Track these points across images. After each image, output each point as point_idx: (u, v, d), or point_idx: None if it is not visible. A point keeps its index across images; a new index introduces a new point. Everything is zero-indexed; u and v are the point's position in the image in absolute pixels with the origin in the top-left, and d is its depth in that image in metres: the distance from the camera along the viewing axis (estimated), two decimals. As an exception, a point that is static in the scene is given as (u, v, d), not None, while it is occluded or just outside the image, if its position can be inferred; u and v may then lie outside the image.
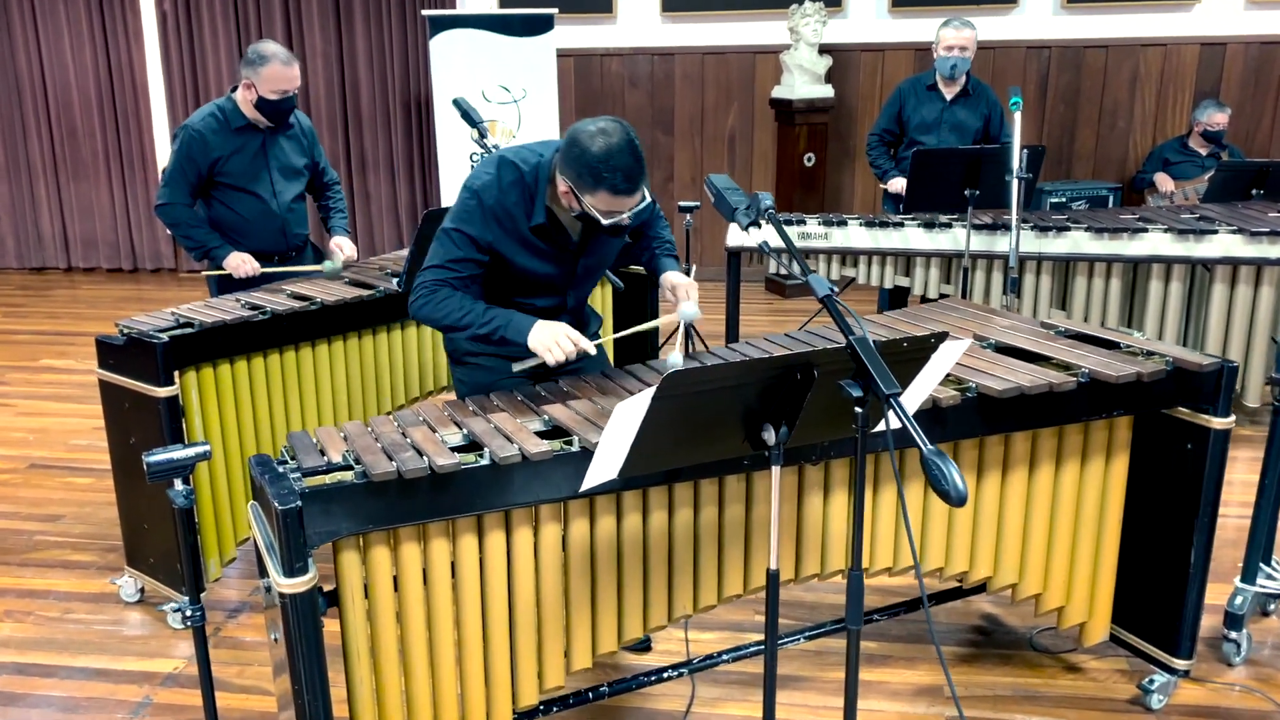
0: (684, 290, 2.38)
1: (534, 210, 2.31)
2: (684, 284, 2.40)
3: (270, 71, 3.42)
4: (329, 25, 6.97)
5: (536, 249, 2.36)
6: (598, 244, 2.44)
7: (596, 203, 2.17)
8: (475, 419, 2.08)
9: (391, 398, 3.54)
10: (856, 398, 1.55)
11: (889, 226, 4.42)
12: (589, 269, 2.48)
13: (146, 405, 2.89)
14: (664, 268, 2.52)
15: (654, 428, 1.63)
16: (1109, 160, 6.80)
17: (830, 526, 2.28)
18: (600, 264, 2.51)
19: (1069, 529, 2.53)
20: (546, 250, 2.37)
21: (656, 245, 2.58)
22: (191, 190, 3.53)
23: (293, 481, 1.82)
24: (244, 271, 3.51)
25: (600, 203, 2.17)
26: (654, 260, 2.57)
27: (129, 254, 7.62)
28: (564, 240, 2.38)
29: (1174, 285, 4.34)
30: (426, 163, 7.13)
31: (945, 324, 2.75)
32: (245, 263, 3.53)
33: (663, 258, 2.55)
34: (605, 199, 2.16)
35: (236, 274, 3.52)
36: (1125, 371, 2.28)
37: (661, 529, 2.12)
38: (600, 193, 2.15)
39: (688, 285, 2.39)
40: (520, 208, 2.31)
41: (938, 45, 4.70)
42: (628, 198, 2.17)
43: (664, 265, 2.53)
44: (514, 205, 2.30)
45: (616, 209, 2.18)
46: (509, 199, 2.30)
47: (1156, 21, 6.52)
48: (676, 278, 2.45)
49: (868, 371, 1.51)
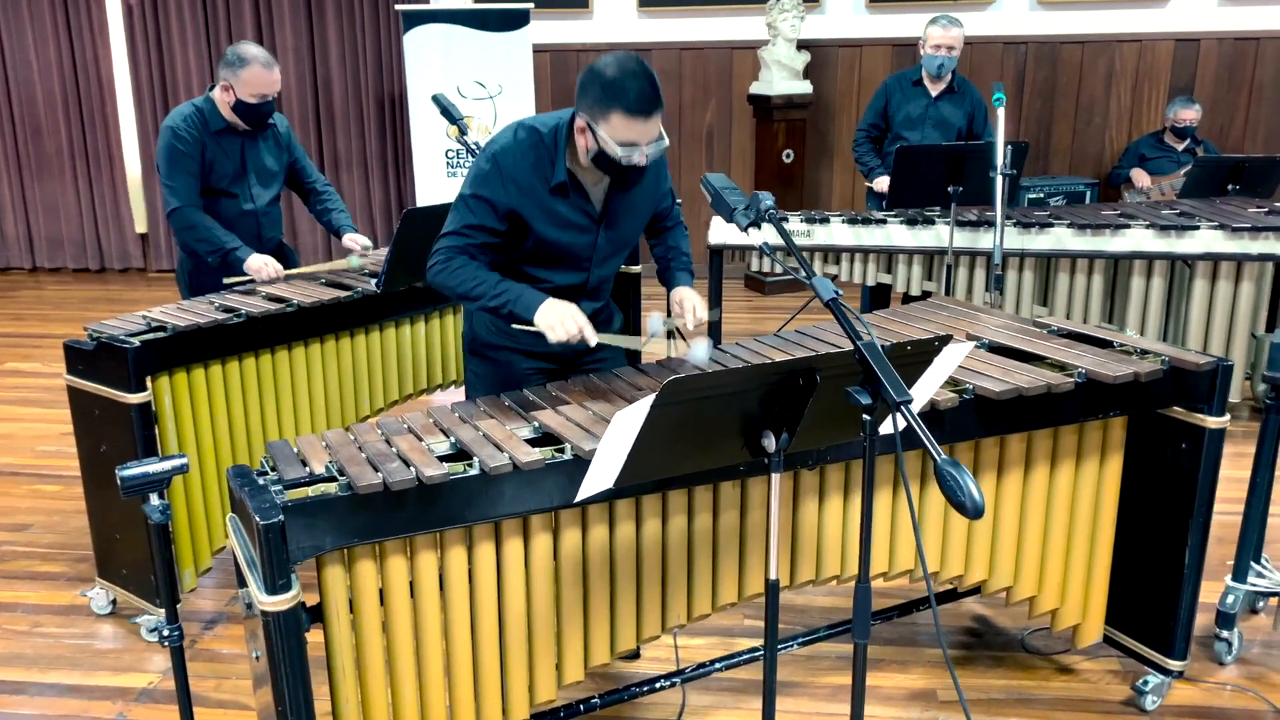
0: (691, 305, 2.36)
1: (554, 171, 2.26)
2: (693, 300, 2.37)
3: (250, 75, 3.32)
4: (300, 20, 6.85)
5: (557, 216, 2.30)
6: (620, 214, 2.39)
7: (611, 130, 2.12)
8: (463, 426, 2.02)
9: (371, 401, 3.46)
10: (865, 405, 1.50)
11: (871, 223, 4.39)
12: (611, 242, 2.42)
13: (117, 412, 2.80)
14: (678, 282, 2.51)
15: (652, 435, 1.58)
16: (1085, 156, 6.82)
17: (826, 532, 2.24)
18: (622, 240, 2.45)
19: (1064, 530, 2.51)
20: (567, 219, 2.31)
21: (673, 258, 2.56)
22: (198, 189, 3.39)
23: (274, 494, 1.75)
24: (266, 274, 3.34)
25: (614, 130, 2.12)
26: (669, 272, 2.55)
27: (96, 254, 7.47)
28: (586, 207, 2.33)
29: (1155, 281, 4.34)
30: (401, 161, 7.03)
31: (936, 323, 2.72)
32: (268, 265, 3.36)
33: (678, 271, 2.54)
34: (619, 123, 2.11)
35: (259, 278, 3.34)
36: (1122, 372, 2.26)
37: (655, 537, 2.07)
38: (613, 115, 2.10)
39: (697, 302, 2.36)
40: (540, 170, 2.26)
41: (925, 43, 4.67)
42: (642, 121, 2.11)
43: (678, 280, 2.52)
44: (533, 167, 2.26)
45: (631, 138, 2.13)
46: (528, 160, 2.26)
47: (1131, 17, 6.54)
48: (687, 293, 2.42)
49: (877, 378, 1.46)
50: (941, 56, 4.62)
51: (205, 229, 3.38)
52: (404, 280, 3.28)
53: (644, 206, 2.47)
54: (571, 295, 2.37)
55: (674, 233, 2.62)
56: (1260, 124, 6.64)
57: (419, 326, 3.56)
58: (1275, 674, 2.76)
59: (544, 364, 2.49)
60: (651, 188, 2.44)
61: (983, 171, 3.94)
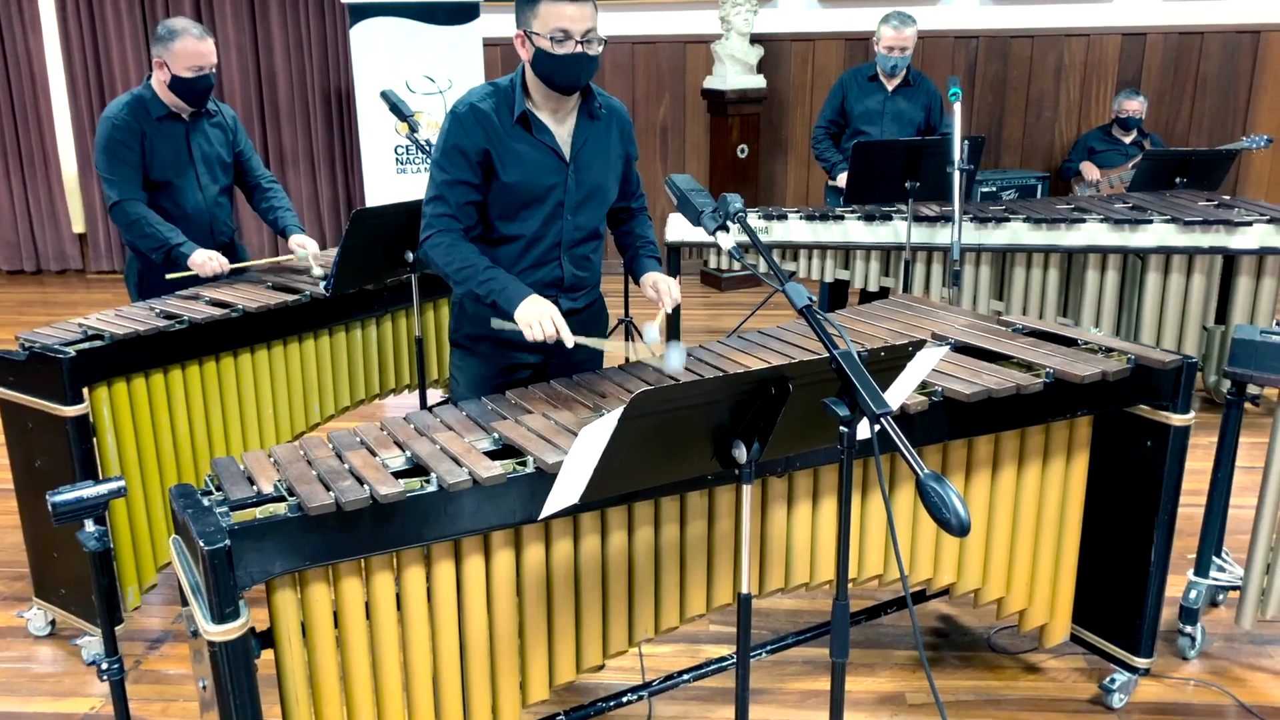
0: (666, 286, 2.35)
1: (514, 107, 2.30)
2: (667, 282, 2.37)
3: (183, 47, 3.19)
4: (242, 13, 6.66)
5: (523, 155, 2.30)
6: (589, 156, 2.38)
7: (541, 23, 2.17)
8: (419, 440, 1.93)
9: (322, 408, 3.35)
10: (844, 417, 1.44)
11: (829, 219, 4.36)
12: (581, 186, 2.39)
13: (52, 426, 2.67)
14: (646, 268, 2.49)
15: (619, 449, 1.51)
16: (1036, 149, 6.87)
17: (795, 539, 2.19)
18: (595, 186, 2.41)
19: (1031, 530, 2.49)
20: (534, 159, 2.31)
21: (641, 245, 2.55)
22: (139, 182, 3.25)
23: (219, 517, 1.66)
24: (210, 269, 3.21)
25: (544, 20, 2.17)
26: (636, 260, 2.53)
27: (31, 255, 7.21)
28: (553, 145, 2.33)
29: (1109, 275, 4.37)
30: (349, 157, 6.87)
31: (900, 323, 2.68)
32: (212, 259, 3.22)
33: (645, 259, 2.52)
34: (546, 9, 2.16)
35: (203, 273, 3.21)
36: (1090, 371, 2.23)
37: (621, 550, 2.01)
38: (541, 4, 2.16)
39: (671, 284, 2.36)
40: (500, 112, 2.31)
41: (878, 41, 4.65)
42: (571, 4, 2.16)
43: (646, 266, 2.50)
44: (494, 110, 2.31)
45: (561, 25, 2.16)
46: (488, 105, 2.31)
47: (1079, 12, 6.60)
48: (659, 277, 2.41)
49: (855, 389, 1.41)
50: (895, 57, 4.61)
51: (147, 223, 3.24)
52: (354, 282, 3.17)
53: (614, 153, 2.45)
54: (552, 250, 2.37)
55: (639, 220, 2.61)
56: (1205, 117, 6.73)
57: (370, 329, 3.46)
58: (1238, 668, 2.77)
59: (528, 357, 2.46)
60: (618, 134, 2.45)
61: (939, 167, 3.92)
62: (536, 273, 2.40)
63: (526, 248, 2.38)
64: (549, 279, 2.42)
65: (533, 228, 2.37)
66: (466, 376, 2.49)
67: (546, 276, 2.41)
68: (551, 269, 2.42)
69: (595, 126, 2.39)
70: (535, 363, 2.48)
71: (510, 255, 2.38)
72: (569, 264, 2.43)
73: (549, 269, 2.42)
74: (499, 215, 2.36)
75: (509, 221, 2.36)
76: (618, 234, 2.60)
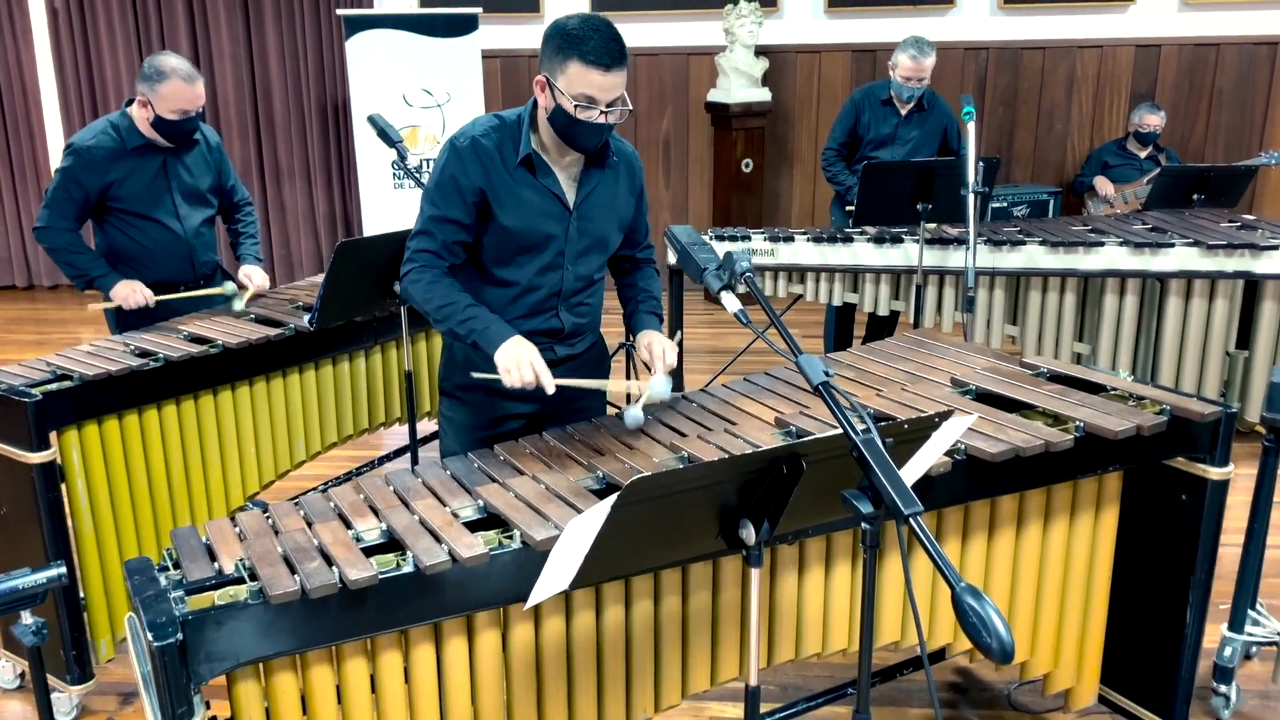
0: (661, 350, 2.17)
1: (519, 145, 2.15)
2: (663, 345, 2.19)
3: (169, 90, 3.04)
4: (237, 24, 6.52)
5: (524, 199, 2.15)
6: (593, 204, 2.23)
7: (568, 83, 2.02)
8: (396, 510, 1.77)
9: (308, 445, 3.19)
10: (866, 514, 1.29)
11: (837, 242, 4.21)
12: (584, 234, 2.23)
13: (18, 473, 2.52)
14: (644, 325, 2.32)
15: (613, 535, 1.36)
16: (1047, 163, 6.71)
17: (806, 607, 2.03)
18: (597, 236, 2.25)
19: (1057, 589, 2.33)
20: (536, 203, 2.16)
21: (642, 300, 2.37)
22: (77, 214, 3.14)
23: (172, 603, 1.50)
24: (134, 302, 3.10)
25: (571, 82, 2.02)
26: (635, 316, 2.36)
27: (23, 270, 7.07)
28: (556, 190, 2.18)
29: (1129, 299, 4.21)
30: (346, 171, 6.72)
31: (916, 363, 2.53)
32: (135, 292, 3.11)
33: (645, 314, 2.35)
34: (576, 74, 2.01)
35: (126, 305, 3.11)
36: (1124, 425, 2.07)
37: (618, 625, 1.85)
38: (571, 65, 2.01)
39: (666, 346, 2.18)
40: (504, 149, 2.16)
41: (895, 68, 4.48)
42: (600, 74, 2.01)
43: (644, 322, 2.32)
44: (497, 146, 2.16)
45: (588, 91, 2.02)
46: (491, 140, 2.16)
47: (1092, 23, 6.44)
48: (656, 337, 2.23)
49: (879, 484, 1.25)
50: (911, 87, 4.45)
51: (67, 252, 3.15)
52: (339, 315, 3.02)
53: (620, 203, 2.29)
54: (549, 296, 2.23)
55: (644, 273, 2.44)
56: (1221, 130, 6.57)
57: (359, 362, 3.31)
58: (1275, 730, 2.61)
59: (520, 407, 2.30)
60: (627, 184, 2.29)
61: (952, 188, 3.76)
62: (531, 321, 2.24)
63: (520, 294, 2.22)
64: (545, 328, 2.26)
65: (529, 275, 2.21)
66: (455, 427, 2.33)
67: (542, 325, 2.25)
68: (548, 318, 2.26)
69: (604, 174, 2.23)
70: (529, 412, 2.32)
71: (503, 300, 2.23)
72: (566, 313, 2.27)
73: (545, 318, 2.26)
74: (494, 260, 2.20)
75: (504, 267, 2.20)
76: (620, 285, 2.44)
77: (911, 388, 2.34)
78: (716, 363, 5.18)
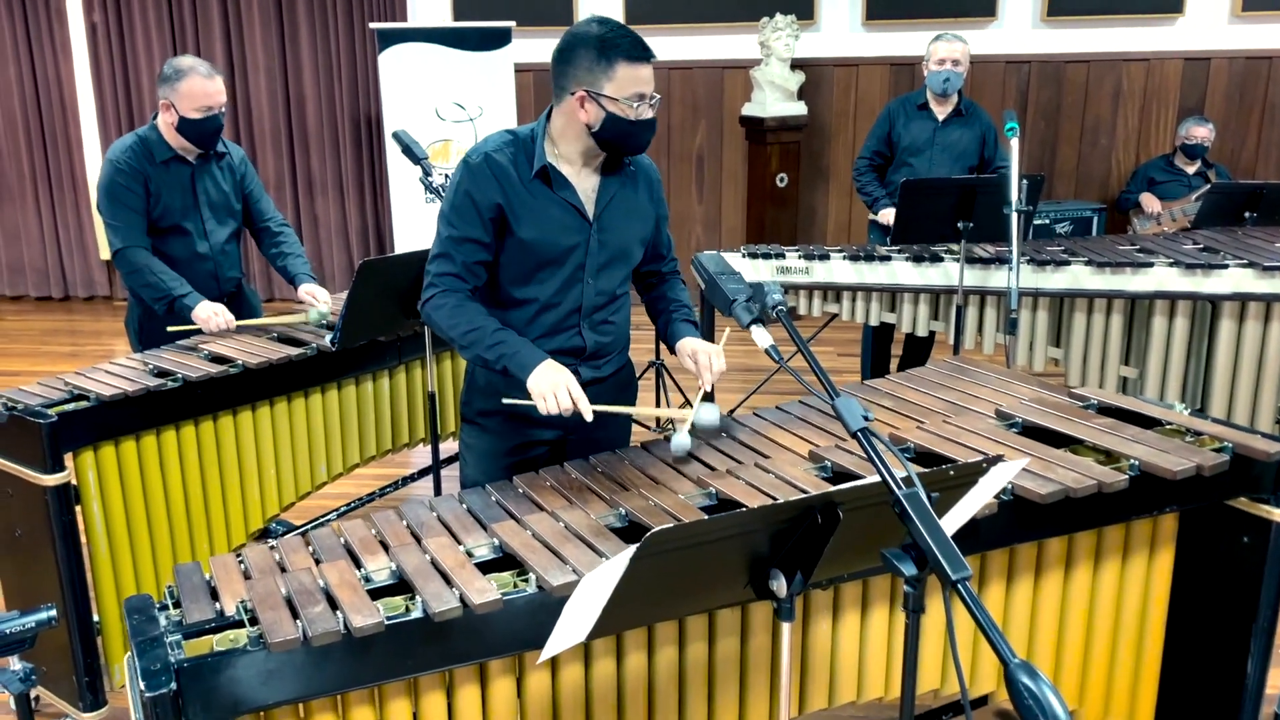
0: (707, 359, 2.08)
1: (534, 159, 2.10)
2: (708, 352, 2.10)
3: (189, 86, 3.00)
4: (271, 38, 6.53)
5: (542, 212, 2.09)
6: (614, 215, 2.16)
7: (618, 86, 2.00)
8: (408, 548, 1.69)
9: (329, 467, 3.13)
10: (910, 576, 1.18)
11: (875, 260, 4.09)
12: (605, 246, 2.15)
13: (32, 495, 2.47)
14: (681, 333, 2.23)
15: (632, 587, 1.26)
16: (1091, 179, 6.54)
17: (840, 653, 1.92)
18: (619, 247, 2.18)
19: (1108, 635, 2.19)
20: (554, 216, 2.09)
21: (675, 309, 2.29)
22: (144, 228, 3.08)
23: (168, 648, 1.42)
24: (215, 325, 3.01)
25: (621, 85, 2.00)
26: (670, 326, 2.27)
27: (59, 281, 7.12)
28: (574, 202, 2.11)
29: (1179, 322, 4.05)
30: (378, 183, 6.70)
31: (958, 392, 2.41)
32: (218, 314, 3.03)
33: (679, 323, 2.26)
34: (626, 74, 2.00)
35: (207, 328, 3.02)
36: (1184, 465, 1.94)
37: (640, 672, 1.75)
38: (619, 68, 1.99)
39: (713, 353, 2.09)
40: (519, 164, 2.11)
41: (928, 60, 4.36)
42: (646, 66, 2.02)
43: (681, 331, 2.24)
44: (511, 161, 2.11)
45: (640, 89, 2.01)
46: (505, 155, 2.11)
47: (1139, 35, 6.27)
48: (700, 345, 2.14)
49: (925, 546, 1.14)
50: (947, 70, 4.30)
51: (150, 272, 3.06)
52: (362, 335, 2.96)
53: (641, 212, 2.21)
54: (570, 313, 2.14)
55: (672, 284, 2.36)
56: (1273, 146, 6.37)
57: (382, 382, 3.24)
58: (1341, 786, 2.45)
59: (544, 433, 2.21)
60: (646, 193, 2.22)
61: (994, 206, 3.63)
62: (553, 340, 2.16)
63: (540, 312, 2.14)
64: (567, 347, 2.18)
65: (549, 292, 2.13)
66: (475, 455, 2.24)
67: (564, 344, 2.17)
68: (570, 336, 2.17)
69: (622, 184, 2.15)
70: (552, 439, 2.23)
71: (522, 320, 2.15)
72: (589, 331, 2.19)
73: (567, 336, 2.17)
74: (512, 278, 2.13)
75: (523, 285, 2.13)
76: (648, 300, 2.35)
77: (954, 419, 2.22)
78: (749, 381, 5.07)
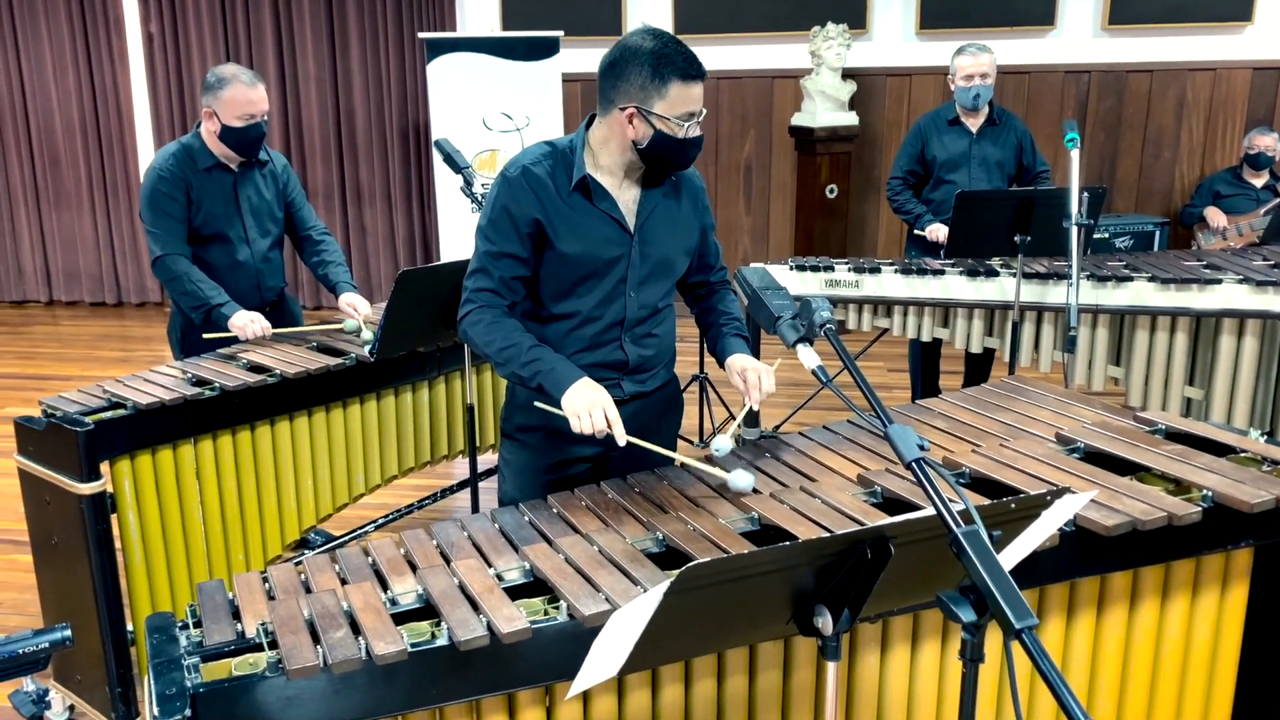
0: (756, 378, 2.02)
1: (573, 171, 2.05)
2: (757, 371, 2.03)
3: (232, 95, 2.99)
4: (322, 48, 6.57)
5: (582, 225, 2.03)
6: (655, 226, 2.10)
7: (669, 107, 1.96)
8: (436, 571, 1.62)
9: (367, 479, 3.09)
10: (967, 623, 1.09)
11: (927, 274, 3.97)
12: (647, 259, 2.09)
13: (68, 503, 2.46)
14: (730, 349, 2.16)
15: (666, 622, 1.19)
16: (1153, 192, 6.34)
17: (889, 691, 1.82)
18: (661, 260, 2.11)
19: (1176, 674, 2.06)
20: (594, 228, 2.04)
21: (725, 323, 2.21)
22: (184, 235, 3.08)
23: (186, 670, 1.37)
24: (251, 333, 3.01)
25: (672, 104, 1.95)
26: (720, 340, 2.19)
27: (113, 287, 7.23)
28: (615, 214, 2.06)
29: (1247, 341, 3.88)
30: (426, 193, 6.71)
31: (1016, 413, 2.30)
32: (254, 322, 3.03)
33: (730, 338, 2.18)
34: (679, 93, 1.95)
35: (243, 336, 3.01)
36: (1261, 497, 1.82)
37: (676, 706, 1.67)
38: (671, 85, 1.94)
39: (763, 372, 2.03)
40: (557, 176, 2.05)
41: (954, 75, 4.22)
42: (698, 85, 1.98)
43: (732, 347, 2.16)
44: (548, 173, 2.05)
45: (691, 107, 1.97)
46: (543, 167, 2.06)
47: (1205, 44, 6.07)
48: (749, 363, 2.07)
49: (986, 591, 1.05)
50: (975, 86, 4.17)
51: (189, 280, 3.06)
52: (400, 346, 2.92)
53: (684, 223, 2.15)
54: (611, 327, 2.08)
55: (721, 295, 2.29)
56: (1347, 158, 6.12)
57: (421, 393, 3.20)
58: None
59: (585, 450, 2.14)
60: (690, 204, 2.16)
61: (1053, 219, 3.50)
62: (594, 354, 2.09)
63: (581, 325, 2.08)
64: (610, 360, 2.11)
65: (590, 305, 2.07)
66: (514, 471, 2.18)
67: (606, 358, 2.10)
68: (612, 350, 2.11)
69: (664, 194, 2.09)
70: (593, 455, 2.16)
71: (562, 333, 2.08)
72: (631, 344, 2.12)
73: (609, 349, 2.11)
74: (552, 293, 2.07)
75: (564, 299, 2.07)
76: (698, 311, 2.28)
77: (1011, 443, 2.11)
78: (795, 397, 4.96)
